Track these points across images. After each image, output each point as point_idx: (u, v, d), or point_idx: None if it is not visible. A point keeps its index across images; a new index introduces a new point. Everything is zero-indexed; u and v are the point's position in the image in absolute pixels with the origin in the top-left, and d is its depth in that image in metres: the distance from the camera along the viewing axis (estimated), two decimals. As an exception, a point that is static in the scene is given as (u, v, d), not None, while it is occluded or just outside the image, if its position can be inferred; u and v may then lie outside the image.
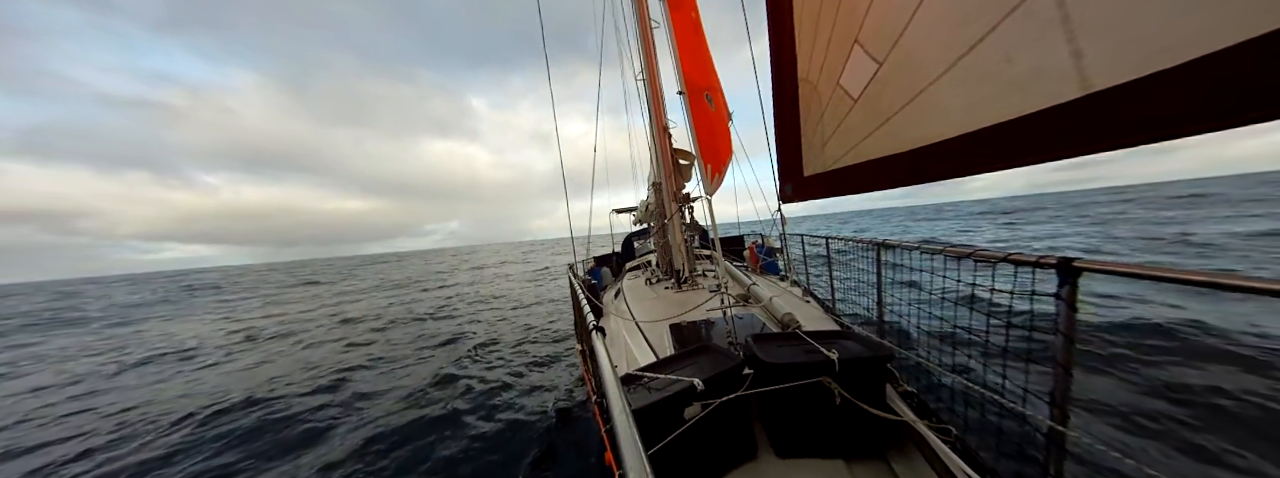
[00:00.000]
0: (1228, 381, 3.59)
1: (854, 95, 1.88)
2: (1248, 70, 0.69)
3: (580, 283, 3.93)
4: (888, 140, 1.72)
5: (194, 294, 29.58)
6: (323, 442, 4.53)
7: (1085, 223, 21.90)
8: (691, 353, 2.36)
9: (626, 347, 3.20)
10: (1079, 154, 1.00)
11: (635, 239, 9.50)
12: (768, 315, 3.42)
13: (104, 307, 24.83)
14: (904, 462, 2.05)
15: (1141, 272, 1.26)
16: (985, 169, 1.29)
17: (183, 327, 14.08)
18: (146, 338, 12.32)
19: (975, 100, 1.26)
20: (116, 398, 6.73)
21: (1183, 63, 0.78)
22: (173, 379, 7.63)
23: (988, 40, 1.18)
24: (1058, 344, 1.49)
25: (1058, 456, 1.56)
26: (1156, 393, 3.46)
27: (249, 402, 5.82)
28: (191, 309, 19.98)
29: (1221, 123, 0.73)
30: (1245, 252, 10.32)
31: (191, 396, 6.47)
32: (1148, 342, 4.75)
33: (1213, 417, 3.02)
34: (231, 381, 7.17)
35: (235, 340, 10.77)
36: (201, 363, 8.66)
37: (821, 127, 2.19)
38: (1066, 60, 0.97)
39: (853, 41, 1.81)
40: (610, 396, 1.10)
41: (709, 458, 2.05)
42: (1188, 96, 0.78)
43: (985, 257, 1.83)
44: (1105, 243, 13.53)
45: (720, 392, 1.98)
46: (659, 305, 4.29)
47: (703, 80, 4.37)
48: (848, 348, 2.16)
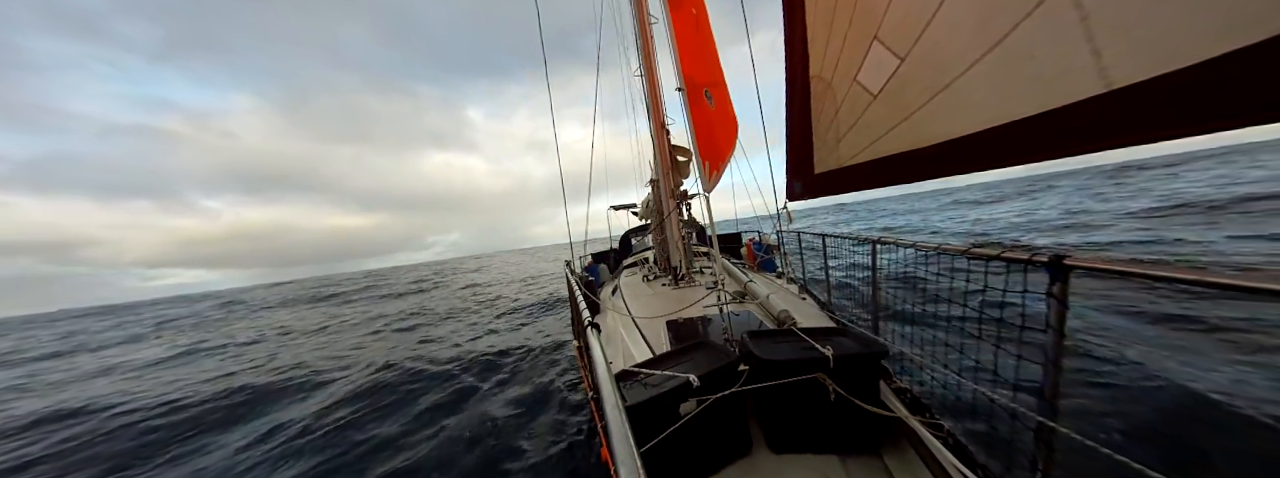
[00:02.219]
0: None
1: (873, 91, 1.91)
2: (1256, 71, 0.71)
3: (577, 280, 3.94)
4: (910, 135, 1.75)
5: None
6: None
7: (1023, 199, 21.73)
8: (688, 349, 2.37)
9: (623, 343, 3.21)
10: (1102, 149, 1.03)
11: (633, 236, 9.49)
12: (764, 312, 3.44)
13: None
14: (898, 457, 2.07)
15: (1133, 270, 1.27)
16: (1011, 163, 1.33)
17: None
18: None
19: (1000, 96, 1.29)
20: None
21: (1197, 63, 0.80)
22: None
23: (1011, 38, 1.21)
24: (1048, 340, 1.50)
25: (1047, 450, 1.58)
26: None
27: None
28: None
29: (1234, 122, 0.75)
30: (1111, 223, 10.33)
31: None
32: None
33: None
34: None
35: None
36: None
37: (836, 123, 2.21)
38: (1087, 59, 0.99)
39: (872, 38, 1.83)
40: (604, 392, 1.10)
41: (704, 454, 2.07)
42: (1202, 95, 0.79)
43: (978, 254, 1.85)
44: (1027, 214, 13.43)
45: (716, 388, 1.99)
46: (656, 302, 4.31)
47: (703, 77, 4.37)
48: (843, 345, 2.18)
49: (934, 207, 37.44)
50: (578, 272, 5.39)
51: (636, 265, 7.00)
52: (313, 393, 6.53)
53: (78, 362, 13.15)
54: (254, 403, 6.38)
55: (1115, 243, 9.37)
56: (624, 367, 2.22)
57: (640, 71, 5.26)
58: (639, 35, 5.05)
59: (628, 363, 2.56)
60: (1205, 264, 6.94)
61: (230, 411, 6.16)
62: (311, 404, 5.90)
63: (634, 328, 3.39)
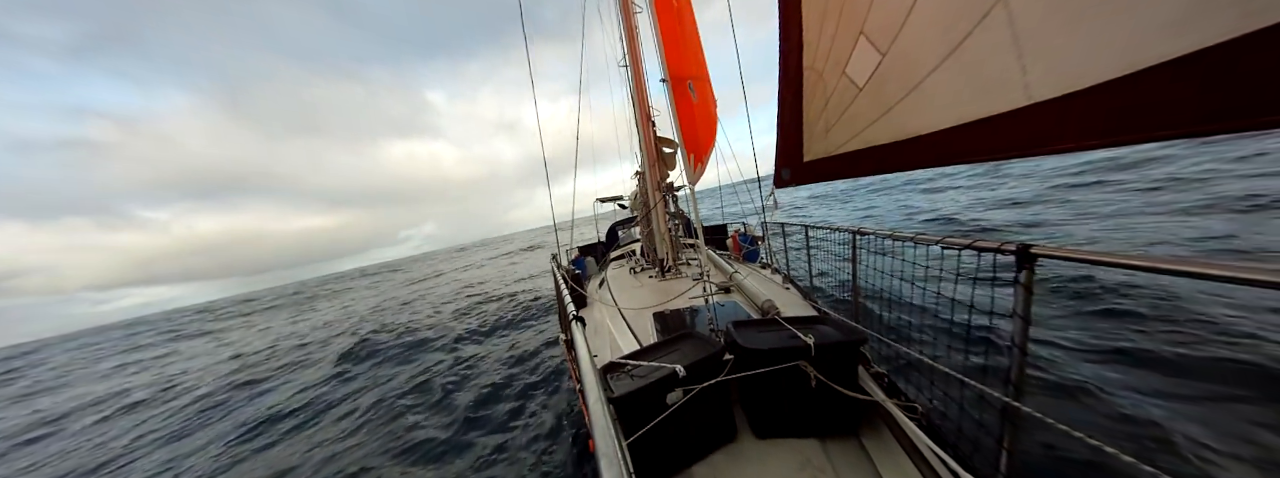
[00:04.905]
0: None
1: (859, 84, 1.96)
2: (1134, 96, 0.84)
3: (564, 272, 3.95)
4: (890, 128, 1.82)
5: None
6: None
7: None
8: (674, 340, 2.42)
9: (611, 335, 3.25)
10: (1021, 157, 1.10)
11: (620, 228, 9.51)
12: (748, 302, 3.51)
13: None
14: (875, 439, 2.17)
15: (1096, 258, 1.34)
16: (963, 161, 1.41)
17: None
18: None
19: (955, 99, 1.36)
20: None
21: (1089, 86, 0.92)
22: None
23: (965, 45, 1.27)
24: (1015, 326, 1.58)
25: (1012, 429, 1.68)
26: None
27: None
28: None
29: (1113, 140, 0.87)
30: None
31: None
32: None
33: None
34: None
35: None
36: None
37: (826, 113, 2.26)
38: (1017, 73, 1.09)
39: (859, 32, 1.88)
40: (587, 384, 1.14)
41: (691, 441, 2.13)
42: (1092, 115, 0.92)
43: (951, 244, 1.92)
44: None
45: (702, 377, 2.05)
46: (643, 294, 4.35)
47: (685, 70, 4.36)
48: (824, 333, 2.25)
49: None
50: (565, 265, 5.40)
51: (623, 258, 7.03)
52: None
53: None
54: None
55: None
56: (612, 358, 2.26)
57: (625, 62, 5.23)
58: (623, 25, 5.00)
59: (615, 355, 2.60)
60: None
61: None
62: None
63: (621, 320, 3.43)
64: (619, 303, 3.86)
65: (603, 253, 8.52)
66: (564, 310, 2.50)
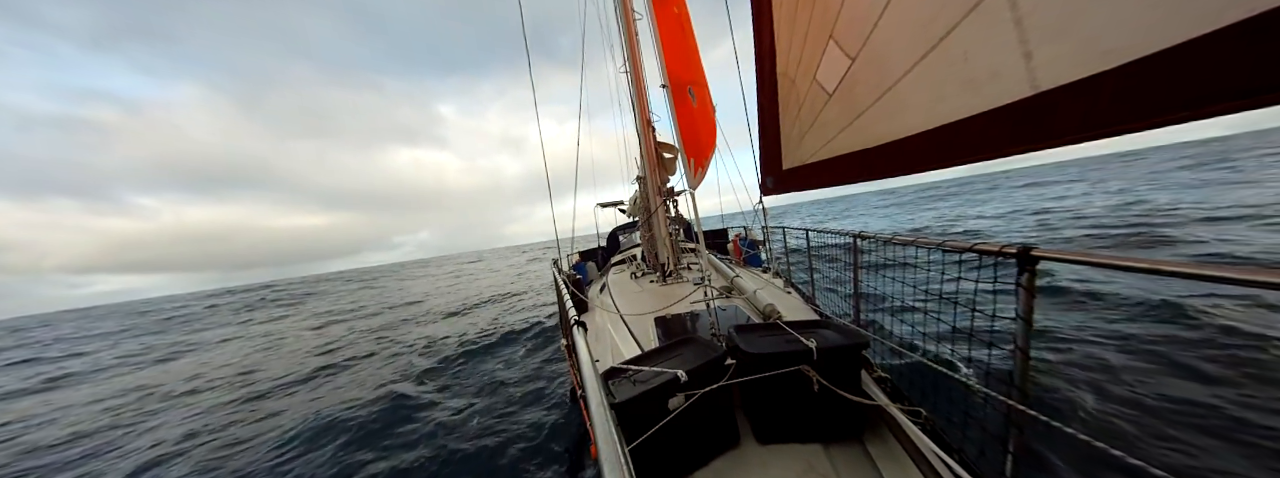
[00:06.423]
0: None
1: (829, 90, 1.92)
2: (1166, 75, 0.75)
3: (564, 278, 3.95)
4: (859, 135, 1.77)
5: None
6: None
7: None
8: (676, 345, 2.41)
9: (612, 340, 3.24)
10: (1025, 151, 1.06)
11: (621, 233, 9.50)
12: (750, 307, 3.50)
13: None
14: (879, 444, 2.15)
15: (1096, 260, 1.33)
16: (943, 165, 1.35)
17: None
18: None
19: (936, 98, 1.31)
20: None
21: (1118, 65, 0.83)
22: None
23: (949, 39, 1.23)
24: (1017, 328, 1.58)
25: (1018, 432, 1.66)
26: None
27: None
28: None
29: (1143, 124, 0.79)
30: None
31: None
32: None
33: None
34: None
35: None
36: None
37: (799, 121, 2.24)
38: (1018, 61, 1.02)
39: (828, 37, 1.84)
40: (589, 390, 1.13)
41: (693, 447, 2.11)
42: (1120, 97, 0.83)
43: (953, 247, 1.91)
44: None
45: (703, 382, 2.03)
46: (644, 299, 4.34)
47: (686, 75, 4.40)
48: (826, 337, 2.24)
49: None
50: (566, 270, 5.39)
51: (624, 262, 7.02)
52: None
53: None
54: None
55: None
56: (613, 364, 2.25)
57: (626, 68, 5.27)
58: (624, 31, 5.05)
59: (617, 360, 2.59)
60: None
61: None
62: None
63: (622, 325, 3.42)
64: (620, 308, 3.85)
65: (604, 257, 8.51)
66: (565, 316, 2.49)
